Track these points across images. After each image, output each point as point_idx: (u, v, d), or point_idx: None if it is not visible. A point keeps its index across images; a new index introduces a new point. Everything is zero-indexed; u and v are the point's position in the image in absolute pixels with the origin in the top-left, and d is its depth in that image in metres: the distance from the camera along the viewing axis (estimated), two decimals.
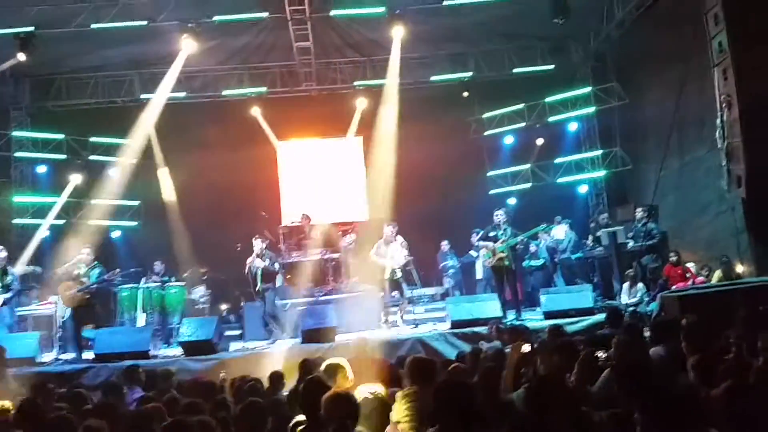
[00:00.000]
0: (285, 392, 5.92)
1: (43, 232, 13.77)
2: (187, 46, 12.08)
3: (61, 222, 14.20)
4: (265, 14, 12.18)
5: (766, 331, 4.61)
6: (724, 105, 9.27)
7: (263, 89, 14.69)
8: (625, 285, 11.34)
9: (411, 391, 4.13)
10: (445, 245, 13.61)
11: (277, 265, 10.82)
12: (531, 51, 14.68)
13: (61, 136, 14.28)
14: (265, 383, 6.31)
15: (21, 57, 11.61)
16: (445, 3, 11.74)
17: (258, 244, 10.56)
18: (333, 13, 12.21)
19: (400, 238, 10.69)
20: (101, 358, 9.21)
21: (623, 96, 13.76)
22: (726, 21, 9.16)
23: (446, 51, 14.50)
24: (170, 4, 11.56)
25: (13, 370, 7.88)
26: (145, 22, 11.70)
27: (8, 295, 9.90)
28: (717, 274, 10.17)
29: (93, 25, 11.58)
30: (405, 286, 10.64)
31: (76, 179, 14.23)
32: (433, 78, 14.53)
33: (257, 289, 10.44)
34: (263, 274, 10.40)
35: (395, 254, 10.49)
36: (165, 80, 12.91)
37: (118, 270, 10.51)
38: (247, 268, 10.55)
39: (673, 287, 10.40)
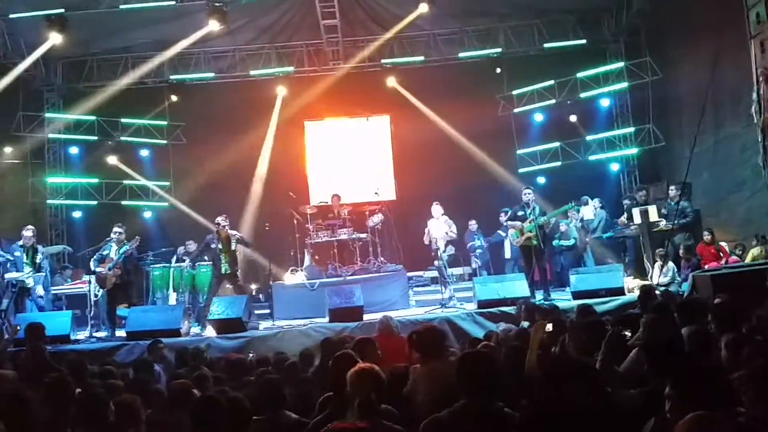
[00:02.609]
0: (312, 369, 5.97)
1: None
2: (213, 25, 12.11)
3: (94, 203, 14.47)
4: None
5: None
6: (761, 78, 8.98)
7: (290, 68, 14.67)
8: (657, 264, 11.16)
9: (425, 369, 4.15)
10: (472, 225, 13.52)
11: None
12: (562, 25, 14.36)
13: (92, 118, 14.48)
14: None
15: (55, 38, 11.77)
16: None
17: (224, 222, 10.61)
18: None
19: (444, 217, 10.74)
20: (133, 336, 9.37)
21: (656, 71, 13.40)
22: None
23: (475, 26, 14.28)
24: None
25: (48, 348, 8.09)
26: (172, 2, 11.74)
27: (41, 274, 10.14)
28: (752, 253, 9.95)
29: (122, 6, 11.67)
30: (445, 264, 10.70)
31: (112, 160, 14.50)
32: (462, 54, 14.33)
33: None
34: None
35: (440, 232, 10.59)
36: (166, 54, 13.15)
37: (137, 238, 10.59)
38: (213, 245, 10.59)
39: (706, 266, 10.21)
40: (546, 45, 14.25)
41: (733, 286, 7.26)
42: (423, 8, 12.04)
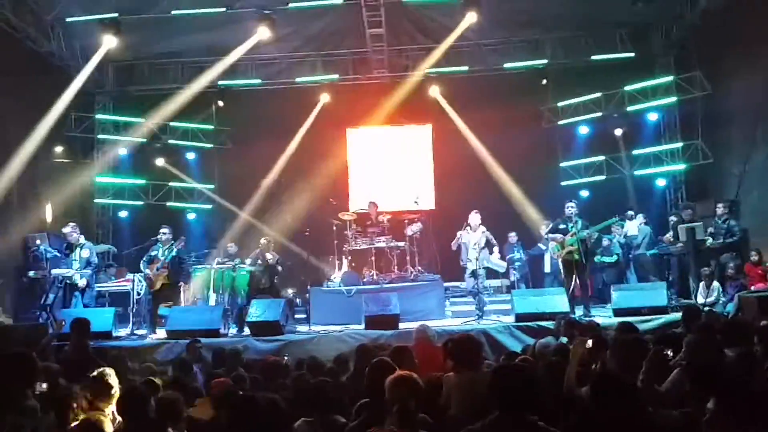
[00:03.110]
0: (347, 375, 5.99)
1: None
2: (263, 33, 12.31)
3: (140, 203, 14.81)
4: (340, 1, 12.24)
5: None
6: None
7: (335, 76, 14.80)
8: (702, 284, 10.90)
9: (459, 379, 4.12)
10: (512, 237, 13.39)
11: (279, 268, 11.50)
12: (610, 37, 14.16)
13: (142, 120, 14.82)
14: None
15: (110, 42, 12.10)
16: None
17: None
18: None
19: (482, 228, 10.64)
20: (173, 335, 9.55)
21: (707, 86, 13.11)
22: None
23: (521, 37, 14.19)
24: None
25: (91, 343, 8.29)
26: (222, 9, 11.97)
27: (88, 271, 10.41)
28: None
29: (173, 12, 11.95)
30: (483, 275, 10.57)
31: (160, 162, 14.84)
32: (507, 65, 14.26)
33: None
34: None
35: (478, 242, 10.49)
36: (218, 66, 13.36)
37: (183, 238, 10.91)
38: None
39: (752, 287, 9.93)
40: (593, 57, 14.07)
41: None
42: (471, 18, 11.99)
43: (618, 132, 14.26)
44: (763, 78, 11.06)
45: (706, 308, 9.32)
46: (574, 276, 10.26)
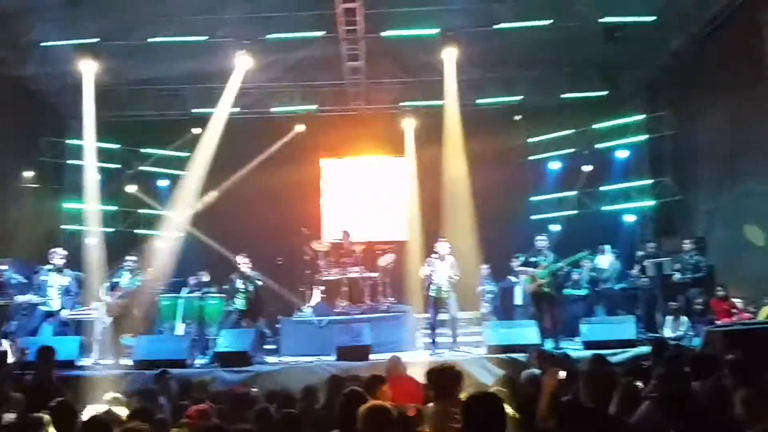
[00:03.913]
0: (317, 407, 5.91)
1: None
2: (243, 63, 12.35)
3: (110, 230, 14.57)
4: (319, 33, 12.37)
5: None
6: None
7: (313, 107, 14.89)
8: (669, 318, 11.06)
9: (436, 409, 4.09)
10: (484, 269, 13.46)
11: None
12: (582, 76, 14.54)
13: (116, 146, 14.68)
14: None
15: (90, 67, 12.00)
16: (495, 26, 11.72)
17: (245, 262, 10.78)
18: (386, 33, 12.32)
19: (451, 257, 10.62)
20: (139, 365, 9.35)
21: (675, 125, 13.49)
22: None
23: (496, 74, 14.46)
24: (228, 21, 11.86)
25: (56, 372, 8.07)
26: (205, 38, 11.99)
27: (68, 298, 10.21)
28: (764, 311, 9.83)
29: (151, 39, 11.93)
30: (453, 305, 10.49)
31: (131, 189, 14.64)
32: (481, 101, 14.50)
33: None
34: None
35: (446, 271, 10.42)
36: (224, 97, 13.18)
37: (151, 269, 10.72)
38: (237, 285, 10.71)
39: (718, 322, 10.09)
40: (565, 95, 14.41)
41: (746, 343, 7.17)
42: (450, 54, 12.17)
43: (586, 168, 14.53)
44: (727, 119, 11.41)
45: (674, 342, 9.44)
46: (544, 308, 10.34)
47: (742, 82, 10.43)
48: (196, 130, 14.91)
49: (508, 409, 4.09)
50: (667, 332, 10.79)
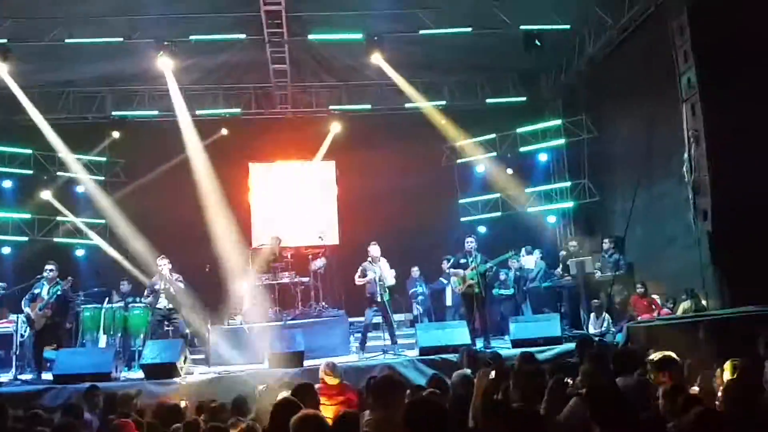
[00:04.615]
0: (250, 416, 5.81)
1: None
2: (164, 65, 12.01)
3: (24, 239, 13.90)
4: (243, 36, 12.17)
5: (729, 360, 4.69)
6: (691, 139, 9.51)
7: (238, 110, 14.66)
8: (592, 315, 11.48)
9: (374, 417, 4.10)
10: (415, 271, 13.62)
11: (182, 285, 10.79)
12: (504, 82, 14.97)
13: (29, 151, 14.02)
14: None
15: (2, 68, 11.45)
16: (421, 32, 11.87)
17: (165, 264, 10.65)
18: (311, 37, 12.25)
19: (384, 259, 10.65)
20: (61, 380, 8.95)
21: (592, 129, 14.04)
22: (695, 58, 9.45)
23: (421, 79, 14.63)
24: (147, 22, 11.52)
25: None
26: (120, 39, 11.60)
27: None
28: (682, 306, 10.33)
29: (67, 40, 11.43)
30: (389, 308, 10.49)
31: (45, 195, 13.97)
32: (408, 105, 14.64)
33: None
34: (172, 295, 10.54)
35: (384, 274, 10.43)
36: (173, 97, 13.10)
37: (70, 278, 10.30)
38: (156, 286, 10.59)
39: (639, 318, 10.53)
40: (488, 100, 14.78)
41: (666, 338, 7.50)
42: (376, 59, 12.22)
43: (509, 171, 14.91)
44: (640, 123, 11.94)
45: (597, 338, 9.80)
46: (474, 309, 10.54)
47: (655, 86, 10.92)
48: (115, 134, 14.48)
49: None
50: (591, 329, 11.20)
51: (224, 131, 14.51)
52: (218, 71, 14.07)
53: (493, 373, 5.19)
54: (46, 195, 14.06)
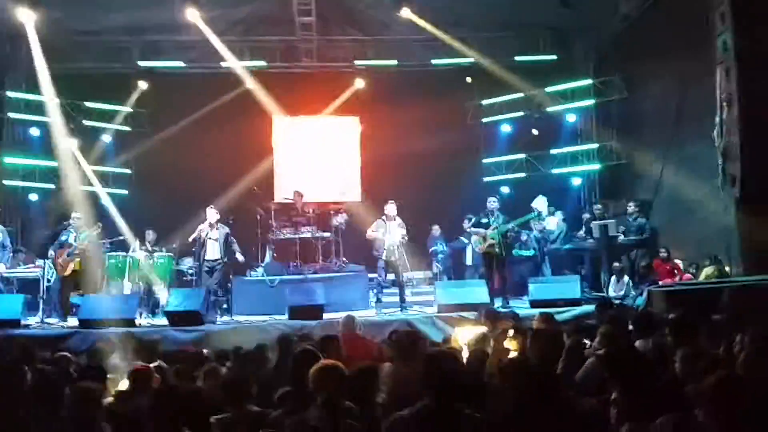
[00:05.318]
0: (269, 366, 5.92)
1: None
2: (192, 15, 11.94)
3: (51, 186, 14.10)
4: None
5: (751, 327, 4.64)
6: (724, 103, 9.28)
7: (263, 63, 14.55)
8: (613, 278, 11.44)
9: (395, 369, 4.16)
10: (435, 230, 13.61)
11: (230, 240, 10.87)
12: (534, 40, 14.60)
13: (56, 100, 14.10)
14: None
15: (29, 17, 11.42)
16: None
17: (212, 214, 10.66)
18: None
19: (399, 219, 10.66)
20: (86, 324, 9.18)
21: (623, 90, 13.72)
22: (732, 20, 9.15)
23: (449, 35, 14.36)
24: None
25: None
26: None
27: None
28: (705, 272, 10.24)
29: None
30: (403, 266, 10.52)
31: (71, 144, 14.09)
32: (435, 61, 14.41)
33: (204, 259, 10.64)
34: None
35: (394, 233, 10.45)
36: (213, 44, 13.04)
37: (99, 224, 10.51)
38: (196, 233, 10.63)
39: (661, 282, 10.47)
40: (517, 58, 14.45)
41: (687, 303, 7.45)
42: (405, 12, 12.00)
43: (535, 132, 14.70)
44: (676, 83, 11.65)
45: (617, 301, 9.79)
46: (494, 268, 10.55)
47: (690, 48, 10.62)
48: (143, 84, 14.49)
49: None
50: (611, 292, 11.17)
51: (250, 83, 14.43)
52: (244, 24, 13.94)
53: (511, 332, 5.24)
54: (71, 144, 14.17)
